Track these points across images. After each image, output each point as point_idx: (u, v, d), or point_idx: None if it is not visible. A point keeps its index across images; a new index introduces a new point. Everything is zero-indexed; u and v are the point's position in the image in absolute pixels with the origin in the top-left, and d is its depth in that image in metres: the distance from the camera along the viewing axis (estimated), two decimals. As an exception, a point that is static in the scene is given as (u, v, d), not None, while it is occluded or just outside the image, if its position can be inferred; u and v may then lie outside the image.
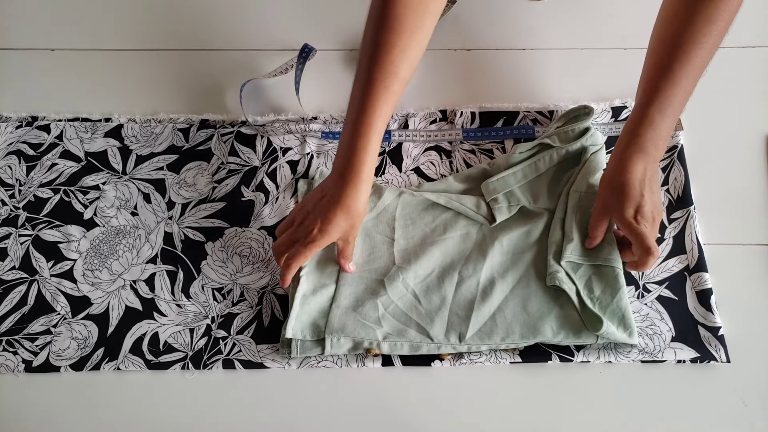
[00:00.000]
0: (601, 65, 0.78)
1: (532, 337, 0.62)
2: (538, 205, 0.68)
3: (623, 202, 0.59)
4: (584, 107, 0.70)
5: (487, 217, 0.67)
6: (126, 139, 0.75)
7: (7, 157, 0.74)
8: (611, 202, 0.61)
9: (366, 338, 0.62)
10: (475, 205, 0.68)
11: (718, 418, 0.62)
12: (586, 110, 0.70)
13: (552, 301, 0.63)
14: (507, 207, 0.67)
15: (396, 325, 0.63)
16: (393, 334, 0.62)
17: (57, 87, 0.79)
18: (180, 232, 0.70)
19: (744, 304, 0.66)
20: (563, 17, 0.82)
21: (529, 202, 0.67)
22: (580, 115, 0.71)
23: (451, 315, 0.63)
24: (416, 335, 0.62)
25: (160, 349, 0.65)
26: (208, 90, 0.79)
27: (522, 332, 0.62)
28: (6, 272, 0.69)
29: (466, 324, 0.62)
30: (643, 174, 0.59)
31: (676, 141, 0.72)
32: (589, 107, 0.70)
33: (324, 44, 0.80)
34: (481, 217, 0.67)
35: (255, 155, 0.74)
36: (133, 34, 0.82)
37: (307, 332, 0.62)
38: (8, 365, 0.64)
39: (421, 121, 0.75)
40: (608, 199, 0.61)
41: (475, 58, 0.80)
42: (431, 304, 0.64)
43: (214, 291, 0.67)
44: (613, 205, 0.60)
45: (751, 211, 0.70)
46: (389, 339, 0.62)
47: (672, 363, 0.63)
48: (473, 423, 0.62)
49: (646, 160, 0.59)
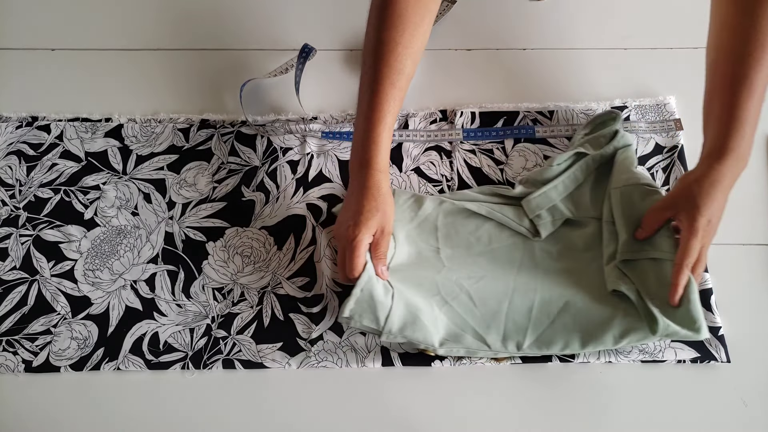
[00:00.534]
0: (601, 65, 0.78)
1: (593, 345, 0.61)
2: (582, 215, 0.67)
3: (700, 208, 0.58)
4: (610, 112, 0.71)
5: (530, 229, 0.67)
6: (126, 139, 0.75)
7: (7, 157, 0.74)
8: (686, 203, 0.59)
9: (423, 343, 0.61)
10: (517, 216, 0.67)
11: (718, 418, 0.62)
12: (612, 115, 0.70)
13: (612, 308, 0.62)
14: (551, 222, 0.66)
15: (452, 329, 0.62)
16: (450, 340, 0.61)
17: (57, 87, 0.79)
18: (181, 231, 0.70)
19: (744, 304, 0.66)
20: (563, 17, 0.82)
21: (572, 213, 0.66)
22: (607, 120, 0.71)
23: (507, 322, 0.62)
24: (473, 341, 0.62)
25: (160, 349, 0.65)
26: (208, 90, 0.79)
27: (583, 340, 0.61)
28: (6, 272, 0.69)
29: (523, 334, 0.61)
30: (729, 188, 0.58)
31: (677, 141, 0.72)
32: (616, 112, 0.71)
33: (324, 44, 0.80)
34: (524, 229, 0.67)
35: (255, 155, 0.74)
36: (133, 34, 0.82)
37: (365, 318, 0.59)
38: (8, 365, 0.64)
39: (421, 121, 0.75)
40: (683, 198, 0.59)
41: (475, 58, 0.80)
42: (486, 308, 0.63)
43: (215, 291, 0.67)
44: (686, 207, 0.59)
45: (751, 211, 0.71)
46: (446, 345, 0.61)
47: (672, 363, 0.63)
48: (473, 423, 0.62)
49: (735, 173, 0.58)
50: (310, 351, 0.65)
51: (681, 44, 0.78)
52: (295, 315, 0.67)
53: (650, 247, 0.62)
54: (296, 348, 0.65)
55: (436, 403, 0.63)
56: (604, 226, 0.66)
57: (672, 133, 0.73)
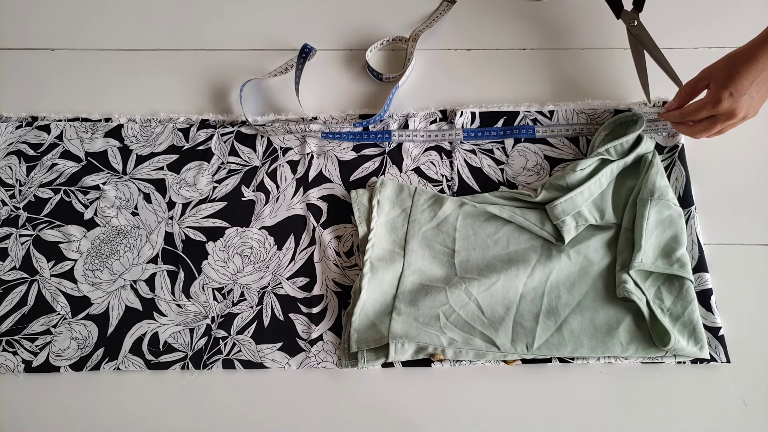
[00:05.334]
0: (601, 65, 0.78)
1: (601, 351, 0.62)
2: (605, 221, 0.67)
3: (728, 79, 0.60)
4: (633, 115, 0.71)
5: (552, 234, 0.67)
6: (126, 139, 0.75)
7: (7, 157, 0.74)
8: (719, 74, 0.61)
9: (430, 344, 0.61)
10: (539, 221, 0.67)
11: (718, 418, 0.62)
12: (634, 118, 0.71)
13: (621, 315, 0.63)
14: (575, 227, 0.66)
15: (460, 334, 0.62)
16: (458, 341, 0.62)
17: (57, 87, 0.79)
18: (181, 231, 0.70)
19: (744, 304, 0.66)
20: (563, 17, 0.82)
21: (596, 219, 0.67)
22: (628, 122, 0.71)
23: (515, 326, 0.63)
24: (482, 344, 0.62)
25: (160, 349, 0.65)
26: (208, 90, 0.79)
27: (591, 346, 0.62)
28: (6, 272, 0.69)
29: (532, 336, 0.62)
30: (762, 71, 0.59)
31: (677, 141, 0.72)
32: (638, 114, 0.71)
33: (324, 44, 0.80)
34: (546, 234, 0.67)
35: (255, 155, 0.74)
36: (133, 34, 0.82)
37: (371, 342, 0.62)
38: (8, 365, 0.64)
39: (421, 121, 0.75)
40: (719, 70, 0.62)
41: (475, 58, 0.80)
42: (494, 314, 0.63)
43: (215, 291, 0.67)
44: (718, 77, 0.61)
45: (751, 211, 0.70)
46: (454, 345, 0.62)
47: (672, 363, 0.63)
48: (473, 423, 0.62)
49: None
50: (310, 351, 0.65)
51: (681, 44, 0.78)
52: (295, 315, 0.67)
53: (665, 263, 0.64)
54: (296, 348, 0.65)
55: (436, 403, 0.63)
56: (623, 233, 0.66)
57: (672, 132, 0.73)
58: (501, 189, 0.71)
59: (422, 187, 0.71)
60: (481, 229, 0.68)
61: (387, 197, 0.69)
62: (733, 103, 0.60)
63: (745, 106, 0.61)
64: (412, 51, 0.78)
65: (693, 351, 0.61)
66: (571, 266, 0.65)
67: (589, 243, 0.66)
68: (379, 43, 0.79)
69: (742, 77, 0.59)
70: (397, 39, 0.80)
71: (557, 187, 0.68)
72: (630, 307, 0.63)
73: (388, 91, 0.77)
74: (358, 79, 0.79)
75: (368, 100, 0.77)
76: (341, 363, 0.64)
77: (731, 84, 0.60)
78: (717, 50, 0.63)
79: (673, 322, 0.62)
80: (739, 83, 0.60)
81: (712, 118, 0.63)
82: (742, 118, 0.62)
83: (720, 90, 0.61)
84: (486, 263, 0.66)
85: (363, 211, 0.68)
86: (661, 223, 0.65)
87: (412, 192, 0.69)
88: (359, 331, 0.63)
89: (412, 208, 0.69)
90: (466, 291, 0.64)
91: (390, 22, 0.82)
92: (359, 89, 0.78)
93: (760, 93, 0.61)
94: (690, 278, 0.63)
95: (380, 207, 0.68)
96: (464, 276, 0.65)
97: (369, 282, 0.65)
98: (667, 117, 0.67)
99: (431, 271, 0.66)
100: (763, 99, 0.62)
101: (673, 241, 0.65)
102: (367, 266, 0.65)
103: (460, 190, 0.72)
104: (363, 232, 0.68)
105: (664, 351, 0.61)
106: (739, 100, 0.60)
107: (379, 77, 0.78)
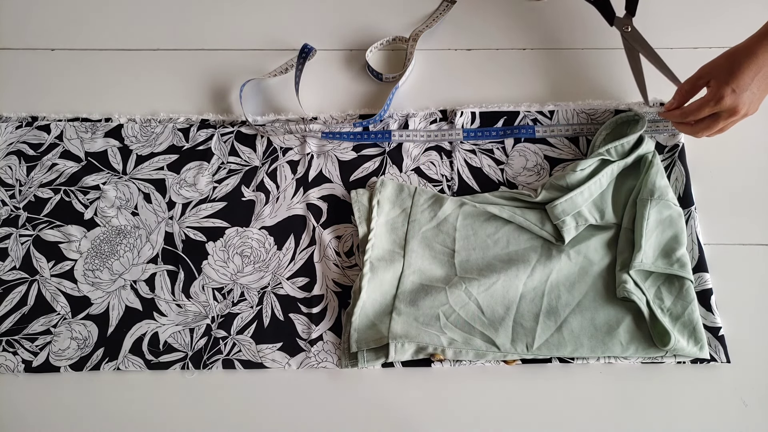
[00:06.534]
0: (601, 65, 0.78)
1: (601, 351, 0.62)
2: (605, 221, 0.67)
3: (729, 76, 0.60)
4: (634, 114, 0.71)
5: (552, 234, 0.67)
6: (126, 139, 0.75)
7: (7, 157, 0.74)
8: (720, 71, 0.61)
9: (430, 344, 0.62)
10: (539, 221, 0.67)
11: (718, 418, 0.62)
12: (635, 117, 0.71)
13: (621, 315, 0.63)
14: (575, 227, 0.66)
15: (460, 334, 0.63)
16: (458, 341, 0.62)
17: (57, 87, 0.79)
18: (181, 231, 0.70)
19: (744, 304, 0.66)
20: (563, 17, 0.82)
21: (596, 219, 0.67)
22: (629, 122, 0.71)
23: (515, 326, 0.63)
24: (482, 344, 0.62)
25: (160, 349, 0.65)
26: (208, 90, 0.79)
27: (591, 346, 0.62)
28: (6, 272, 0.69)
29: (532, 336, 0.62)
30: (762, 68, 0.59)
31: (677, 140, 0.72)
32: (639, 114, 0.71)
33: (324, 44, 0.80)
34: (546, 234, 0.67)
35: (255, 155, 0.74)
36: (133, 34, 0.82)
37: (371, 342, 0.62)
38: (8, 365, 0.64)
39: (421, 121, 0.75)
40: (719, 66, 0.62)
41: (475, 58, 0.80)
42: (494, 314, 0.63)
43: (215, 291, 0.67)
44: (719, 73, 0.61)
45: (751, 211, 0.70)
46: (454, 345, 0.62)
47: (672, 363, 0.63)
48: (473, 423, 0.62)
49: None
50: (310, 351, 0.65)
51: (680, 44, 0.78)
52: (295, 315, 0.67)
53: (666, 263, 0.64)
54: (296, 348, 0.65)
55: (436, 403, 0.63)
56: (623, 233, 0.66)
57: (672, 132, 0.73)
58: (501, 189, 0.71)
59: (422, 187, 0.71)
60: (481, 229, 0.68)
61: (387, 197, 0.69)
62: (735, 100, 0.60)
63: (747, 102, 0.61)
64: (412, 51, 0.78)
65: (693, 351, 0.61)
66: (571, 266, 0.65)
67: (589, 243, 0.66)
68: (379, 43, 0.79)
69: (743, 73, 0.59)
70: (397, 39, 0.80)
71: (557, 187, 0.68)
72: (630, 307, 0.63)
73: (388, 91, 0.77)
74: (358, 79, 0.79)
75: (368, 100, 0.77)
76: (341, 363, 0.64)
77: (733, 80, 0.60)
78: (716, 50, 0.63)
79: (673, 322, 0.62)
80: (740, 79, 0.60)
81: (714, 115, 0.63)
82: (744, 115, 0.62)
83: (722, 87, 0.60)
84: (486, 263, 0.66)
85: (363, 211, 0.69)
86: (661, 223, 0.65)
87: (412, 192, 0.69)
88: (359, 331, 0.63)
89: (412, 208, 0.69)
90: (466, 291, 0.64)
91: (390, 22, 0.82)
92: (359, 89, 0.78)
93: (761, 89, 0.61)
94: (690, 278, 0.64)
95: (380, 207, 0.68)
96: (464, 276, 0.65)
97: (369, 282, 0.65)
98: (668, 116, 0.67)
99: (431, 271, 0.66)
100: (764, 95, 0.62)
101: (673, 241, 0.65)
102: (367, 266, 0.65)
103: (460, 190, 0.72)
104: (363, 232, 0.68)
105: (664, 351, 0.61)
106: (741, 96, 0.60)
107: (379, 77, 0.78)
